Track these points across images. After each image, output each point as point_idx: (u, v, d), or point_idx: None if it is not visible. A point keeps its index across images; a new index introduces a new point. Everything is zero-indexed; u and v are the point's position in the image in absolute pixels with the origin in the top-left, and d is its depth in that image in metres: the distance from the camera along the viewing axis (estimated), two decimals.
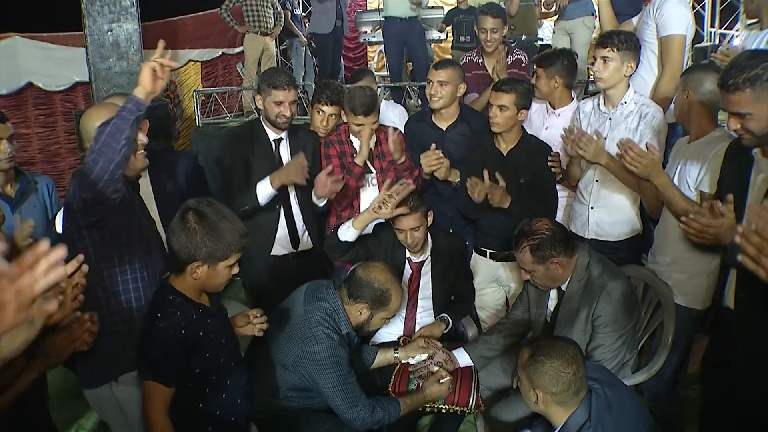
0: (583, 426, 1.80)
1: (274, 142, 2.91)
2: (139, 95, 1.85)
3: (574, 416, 1.82)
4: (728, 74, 1.83)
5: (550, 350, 1.85)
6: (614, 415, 1.81)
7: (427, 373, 2.53)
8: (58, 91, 6.58)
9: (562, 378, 1.80)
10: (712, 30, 7.36)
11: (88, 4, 4.79)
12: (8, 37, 6.13)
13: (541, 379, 1.83)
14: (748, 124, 1.84)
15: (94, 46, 4.87)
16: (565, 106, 3.11)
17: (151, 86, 1.87)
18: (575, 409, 1.83)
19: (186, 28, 7.55)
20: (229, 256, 1.87)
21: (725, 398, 2.08)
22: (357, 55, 9.97)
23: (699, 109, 2.41)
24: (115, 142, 1.80)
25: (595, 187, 2.81)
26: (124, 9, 4.87)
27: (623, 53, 2.66)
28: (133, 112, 1.82)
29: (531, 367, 1.85)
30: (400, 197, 2.55)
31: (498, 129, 2.84)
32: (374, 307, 2.32)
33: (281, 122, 2.83)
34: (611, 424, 1.79)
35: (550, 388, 1.82)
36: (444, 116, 3.13)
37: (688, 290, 2.49)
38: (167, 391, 1.86)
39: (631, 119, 2.70)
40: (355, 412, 2.21)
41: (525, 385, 1.90)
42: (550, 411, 1.87)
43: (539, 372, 1.83)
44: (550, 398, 1.83)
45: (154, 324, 1.86)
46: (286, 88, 2.78)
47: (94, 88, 4.99)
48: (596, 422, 1.79)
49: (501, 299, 3.13)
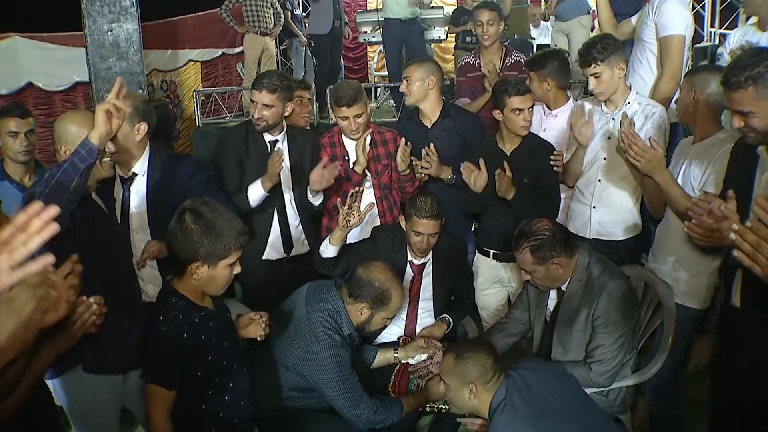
0: (501, 402, 1.98)
1: (270, 144, 2.88)
2: (92, 140, 1.82)
3: (494, 398, 2.01)
4: (731, 72, 1.82)
5: (471, 347, 2.11)
6: (531, 393, 1.98)
7: (427, 373, 2.53)
8: (58, 91, 6.58)
9: (488, 365, 2.02)
10: (712, 30, 7.37)
11: (88, 4, 4.79)
12: (8, 37, 6.13)
13: (471, 371, 2.01)
14: (751, 122, 1.83)
15: (94, 46, 4.87)
16: (562, 106, 3.11)
17: (105, 128, 1.85)
18: (496, 390, 2.01)
19: (186, 28, 7.55)
20: (228, 254, 1.86)
21: (732, 398, 2.08)
22: (357, 55, 9.97)
23: (704, 110, 2.40)
24: (63, 189, 1.79)
25: (597, 186, 2.81)
26: (124, 9, 4.86)
27: (608, 61, 2.65)
28: (85, 159, 1.81)
29: (460, 366, 2.03)
30: (358, 204, 2.61)
31: (528, 131, 2.84)
32: (374, 306, 2.32)
33: (259, 126, 2.79)
34: (526, 398, 1.97)
35: (480, 378, 2.01)
36: (426, 113, 3.11)
37: (688, 290, 2.49)
38: (169, 394, 1.85)
39: (636, 119, 2.69)
40: (358, 412, 2.22)
41: (455, 386, 2.05)
42: (482, 399, 2.02)
43: (470, 366, 2.02)
44: (482, 387, 2.01)
45: (156, 327, 1.85)
46: (258, 89, 2.76)
47: (94, 88, 4.98)
48: (511, 396, 1.98)
49: (503, 299, 3.13)
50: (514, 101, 2.76)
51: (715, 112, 2.41)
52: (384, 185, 3.05)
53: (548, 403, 1.96)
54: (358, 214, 2.60)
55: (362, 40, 7.79)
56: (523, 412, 1.93)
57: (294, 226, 2.94)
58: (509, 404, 1.96)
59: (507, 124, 2.83)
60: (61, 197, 1.77)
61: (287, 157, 2.88)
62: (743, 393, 1.96)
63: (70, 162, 1.80)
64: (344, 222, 2.59)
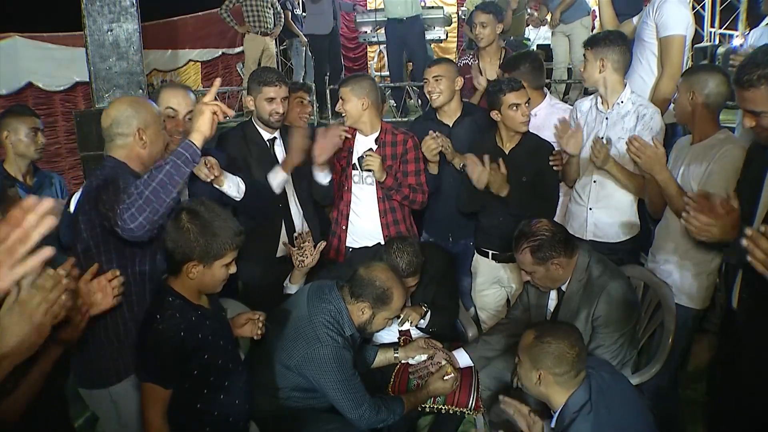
0: (584, 406, 1.84)
1: (269, 142, 2.89)
2: (196, 142, 1.73)
3: (575, 396, 1.87)
4: (743, 71, 1.80)
5: (556, 332, 1.90)
6: (614, 399, 1.85)
7: (427, 374, 2.53)
8: (58, 91, 6.60)
9: (567, 358, 1.85)
10: (712, 30, 7.37)
11: (88, 4, 4.78)
12: (8, 37, 6.15)
13: (546, 359, 1.87)
14: (763, 122, 1.81)
15: (94, 46, 4.86)
16: (538, 105, 3.13)
17: (210, 131, 1.76)
18: (575, 389, 1.87)
19: (186, 28, 7.57)
20: (224, 254, 1.86)
21: (731, 398, 2.08)
22: (357, 55, 9.98)
23: (703, 110, 2.39)
24: (165, 194, 1.67)
25: (593, 187, 2.80)
26: (124, 9, 4.86)
27: (594, 50, 2.69)
28: (189, 162, 1.71)
29: (536, 348, 1.88)
30: (309, 244, 2.70)
31: (526, 127, 2.85)
32: (376, 306, 2.31)
33: (274, 120, 2.79)
34: (611, 406, 1.83)
35: (554, 369, 1.86)
36: (448, 113, 3.13)
37: (688, 290, 2.48)
38: (165, 393, 1.85)
39: (628, 119, 2.70)
40: (360, 412, 2.22)
41: (526, 366, 1.93)
42: (551, 392, 1.90)
43: (544, 352, 1.87)
44: (552, 378, 1.87)
45: (152, 326, 1.85)
46: (277, 84, 2.74)
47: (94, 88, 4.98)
48: (597, 402, 1.83)
49: (502, 300, 3.13)
50: (510, 97, 2.77)
51: (714, 112, 2.40)
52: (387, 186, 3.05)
53: (629, 416, 1.87)
54: (311, 254, 2.69)
55: (362, 40, 7.80)
56: (608, 423, 1.82)
57: (298, 222, 2.95)
58: (595, 411, 1.82)
59: (506, 122, 2.83)
60: (162, 203, 1.69)
61: (285, 153, 2.88)
62: (743, 393, 1.96)
63: (173, 163, 1.70)
64: (298, 263, 2.69)
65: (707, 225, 1.85)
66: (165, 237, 1.87)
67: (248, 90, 2.83)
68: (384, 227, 3.02)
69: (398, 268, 2.50)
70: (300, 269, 2.72)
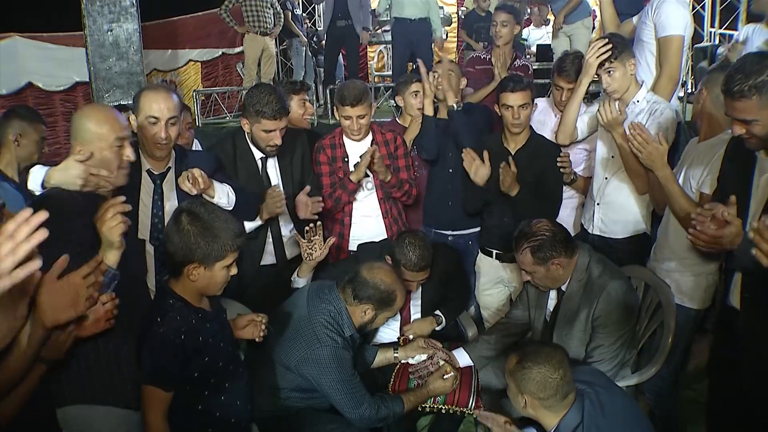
0: (576, 429, 1.81)
1: (260, 161, 2.75)
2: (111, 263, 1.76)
3: (566, 419, 1.83)
4: (733, 80, 1.79)
5: (537, 356, 1.84)
6: (608, 418, 1.82)
7: (427, 374, 2.53)
8: (58, 91, 6.59)
9: (550, 383, 1.81)
10: (712, 30, 7.36)
11: (88, 4, 4.79)
12: (8, 37, 6.14)
13: (528, 384, 1.83)
14: (753, 130, 1.81)
15: (94, 46, 4.87)
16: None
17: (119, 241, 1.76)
18: (566, 412, 1.84)
19: (186, 28, 7.56)
20: (225, 256, 1.85)
21: (730, 398, 2.08)
22: None
23: (710, 110, 2.40)
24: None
25: (604, 183, 2.82)
26: (124, 9, 4.87)
27: (621, 58, 2.63)
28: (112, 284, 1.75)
29: (518, 374, 1.85)
30: (319, 237, 2.67)
31: (521, 129, 2.85)
32: (379, 307, 2.32)
33: (270, 150, 2.67)
34: (605, 427, 1.80)
35: (537, 394, 1.82)
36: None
37: (688, 290, 2.49)
38: (166, 395, 1.85)
39: (641, 117, 2.69)
40: (361, 412, 2.22)
41: (513, 390, 1.91)
42: (540, 415, 1.88)
43: (526, 378, 1.83)
44: (538, 403, 1.84)
45: (153, 329, 1.84)
46: (277, 118, 2.56)
47: (94, 88, 4.99)
48: (589, 424, 1.80)
49: (505, 299, 3.13)
50: (502, 97, 2.82)
51: (722, 112, 2.40)
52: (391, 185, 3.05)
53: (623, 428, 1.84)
54: (320, 247, 2.67)
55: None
56: None
57: (287, 231, 2.86)
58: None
59: (503, 120, 2.86)
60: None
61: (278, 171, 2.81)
62: (742, 393, 1.96)
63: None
64: (307, 256, 2.67)
65: (714, 238, 1.84)
66: (165, 240, 1.86)
67: (244, 112, 2.65)
68: (387, 228, 3.06)
69: (411, 261, 2.52)
70: (308, 262, 2.70)
